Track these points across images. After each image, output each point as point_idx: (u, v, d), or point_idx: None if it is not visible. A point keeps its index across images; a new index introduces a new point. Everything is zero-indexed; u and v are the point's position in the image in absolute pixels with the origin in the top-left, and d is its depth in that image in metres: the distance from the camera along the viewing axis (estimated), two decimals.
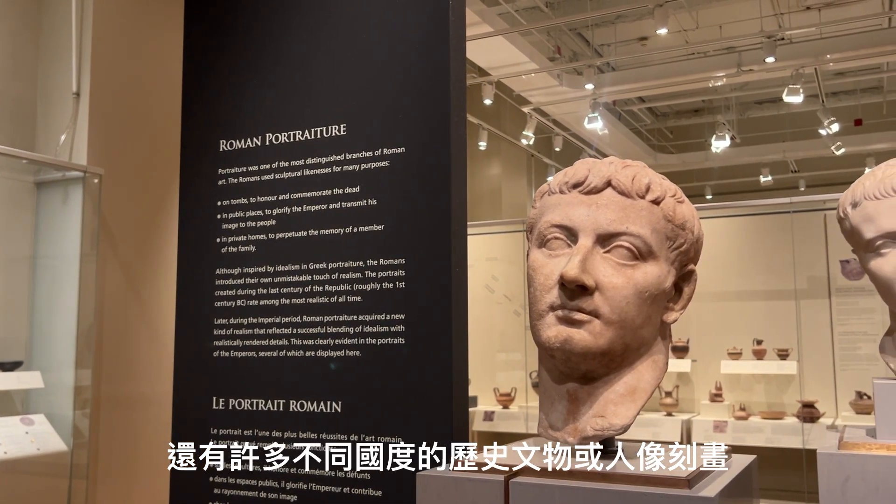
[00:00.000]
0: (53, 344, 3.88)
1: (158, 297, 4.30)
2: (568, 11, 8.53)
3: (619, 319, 1.04)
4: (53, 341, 3.89)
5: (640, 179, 1.11)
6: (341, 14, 1.90)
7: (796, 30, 8.56)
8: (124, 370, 4.12)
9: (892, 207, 1.33)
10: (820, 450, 1.29)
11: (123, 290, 4.23)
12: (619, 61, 9.91)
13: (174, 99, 2.25)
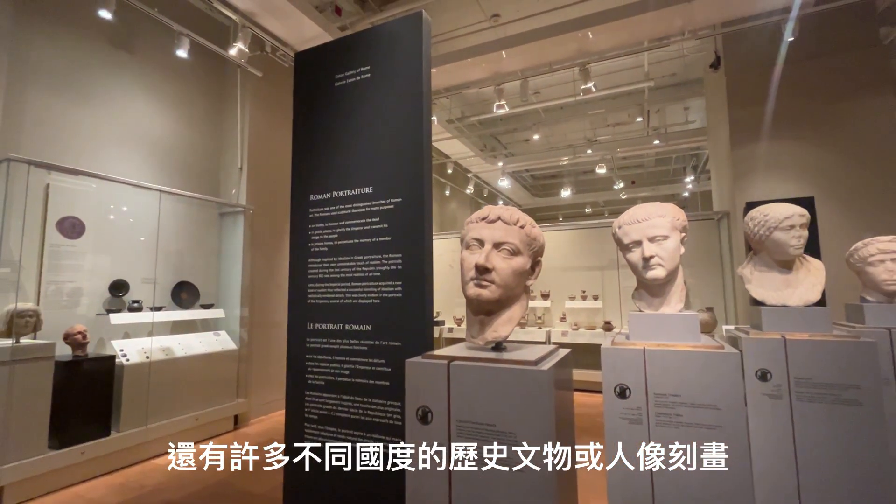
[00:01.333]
0: (229, 295, 4.78)
1: (281, 273, 5.03)
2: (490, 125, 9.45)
3: (504, 284, 1.23)
4: (230, 294, 4.78)
5: (514, 216, 1.29)
6: (370, 119, 1.92)
7: (602, 137, 9.81)
8: (263, 309, 4.95)
9: (635, 229, 1.52)
10: (603, 346, 1.48)
11: (263, 269, 4.97)
12: (516, 151, 10.78)
13: (288, 168, 2.23)
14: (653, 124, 9.28)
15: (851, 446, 1.51)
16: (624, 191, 11.52)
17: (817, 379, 1.57)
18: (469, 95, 8.34)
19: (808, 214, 1.74)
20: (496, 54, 5.68)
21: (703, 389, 1.32)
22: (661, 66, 7.21)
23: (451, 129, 8.48)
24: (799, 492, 1.56)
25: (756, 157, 5.55)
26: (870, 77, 5.16)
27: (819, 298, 1.71)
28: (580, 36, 5.27)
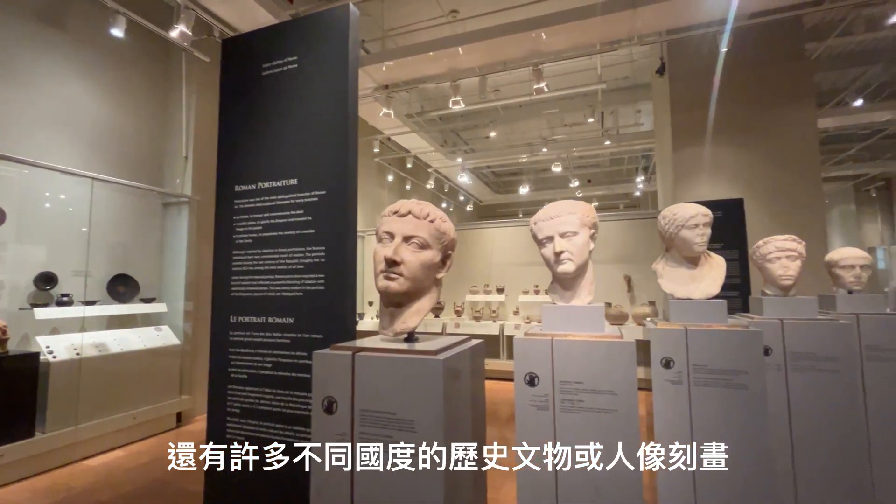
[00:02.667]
0: (173, 288, 4.58)
1: None
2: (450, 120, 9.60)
3: (413, 277, 1.24)
4: (173, 287, 4.58)
5: (424, 210, 1.30)
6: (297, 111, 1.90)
7: (559, 136, 10.02)
8: (209, 303, 5.19)
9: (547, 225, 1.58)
10: (515, 337, 1.54)
11: (209, 262, 4.61)
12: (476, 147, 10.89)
13: None
14: (607, 125, 9.58)
15: (739, 425, 1.65)
16: (580, 189, 11.84)
17: (712, 365, 1.70)
18: (429, 90, 8.34)
19: (710, 214, 1.87)
20: (453, 50, 5.70)
21: (602, 376, 1.41)
22: (614, 69, 7.46)
23: (411, 123, 8.44)
24: (696, 467, 1.69)
25: (695, 160, 5.86)
26: (795, 89, 5.55)
27: (718, 292, 1.85)
28: (534, 36, 5.37)
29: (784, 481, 2.01)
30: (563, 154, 9.67)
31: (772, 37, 5.57)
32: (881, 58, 6.88)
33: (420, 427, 1.09)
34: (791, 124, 5.50)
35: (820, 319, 2.02)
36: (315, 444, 1.20)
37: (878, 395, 2.20)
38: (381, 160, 9.56)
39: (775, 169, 5.50)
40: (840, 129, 8.95)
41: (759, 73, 5.57)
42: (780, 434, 2.02)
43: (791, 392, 2.02)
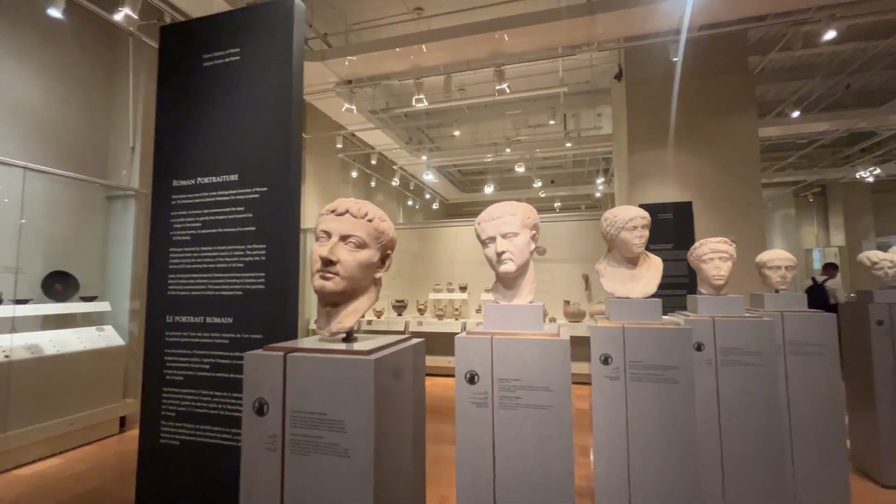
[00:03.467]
0: (118, 286, 4.36)
1: None
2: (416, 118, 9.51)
3: (349, 276, 1.23)
4: (118, 285, 4.36)
5: (362, 209, 1.28)
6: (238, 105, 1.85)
7: (524, 137, 10.22)
8: None
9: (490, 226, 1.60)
10: (456, 337, 1.54)
11: None
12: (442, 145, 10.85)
13: None
14: (569, 128, 9.79)
15: (670, 418, 1.73)
16: (543, 189, 12.07)
17: (647, 361, 1.78)
18: (394, 87, 8.27)
19: (648, 217, 1.95)
20: (417, 48, 5.67)
21: (538, 373, 1.45)
22: (575, 73, 7.63)
23: (375, 119, 8.35)
24: (628, 458, 1.77)
25: (648, 164, 6.10)
26: (739, 99, 5.87)
27: (655, 291, 1.94)
28: (497, 37, 5.42)
29: (713, 469, 2.13)
30: (527, 155, 9.82)
31: (719, 49, 5.87)
32: (818, 72, 7.38)
33: (351, 427, 1.09)
34: (735, 132, 5.82)
35: (746, 317, 2.16)
36: (245, 446, 1.17)
37: (799, 386, 2.37)
38: (344, 156, 9.41)
39: (721, 174, 5.81)
40: (781, 138, 9.54)
41: (706, 83, 5.85)
42: (711, 424, 2.14)
43: (720, 385, 2.14)
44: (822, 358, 2.36)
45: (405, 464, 1.29)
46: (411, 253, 7.76)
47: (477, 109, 9.05)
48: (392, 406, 1.21)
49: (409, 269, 7.71)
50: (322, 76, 6.35)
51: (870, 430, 3.13)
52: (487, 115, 9.12)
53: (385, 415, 1.15)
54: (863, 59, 6.64)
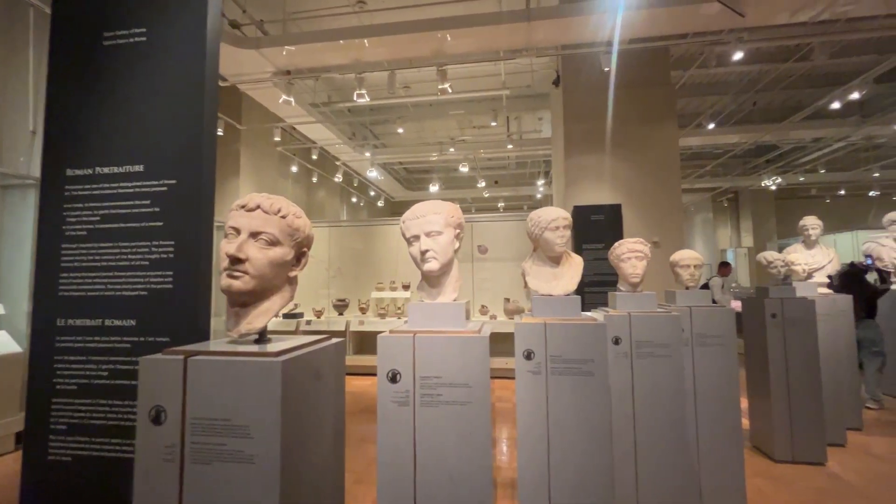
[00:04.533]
0: (14, 286, 3.93)
1: None
2: (359, 113, 9.33)
3: (260, 275, 1.18)
4: (14, 285, 3.93)
5: (275, 205, 1.24)
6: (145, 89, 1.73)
7: (467, 136, 10.28)
8: None
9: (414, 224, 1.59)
10: (379, 336, 1.52)
11: None
12: (388, 142, 10.67)
13: None
14: (511, 130, 10.07)
15: (586, 408, 1.83)
16: (487, 189, 12.31)
17: (566, 356, 1.86)
18: (336, 80, 8.06)
19: (570, 218, 2.05)
20: (359, 42, 5.56)
21: (459, 370, 1.47)
22: (517, 77, 7.84)
23: (316, 113, 8.09)
24: (549, 449, 1.84)
25: (582, 168, 6.40)
26: (663, 110, 6.32)
27: (575, 288, 2.03)
28: (439, 36, 5.44)
29: (628, 454, 2.27)
30: (471, 155, 9.96)
31: (645, 63, 6.28)
32: (730, 89, 8.12)
33: (256, 433, 1.04)
34: (659, 141, 6.26)
35: (657, 312, 2.33)
36: (139, 458, 1.08)
37: (704, 373, 2.60)
38: (283, 150, 9.03)
39: (646, 179, 6.22)
40: (701, 148, 10.40)
41: (634, 94, 6.24)
42: (626, 413, 2.29)
43: (635, 375, 2.29)
44: (722, 348, 2.60)
45: (321, 468, 1.26)
46: (354, 251, 7.60)
47: (422, 108, 9.04)
48: (305, 408, 1.17)
49: (351, 268, 7.55)
50: (257, 65, 6.05)
51: (765, 412, 3.49)
52: (432, 114, 9.13)
53: (296, 418, 1.11)
54: (767, 80, 7.40)
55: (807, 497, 2.84)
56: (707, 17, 4.94)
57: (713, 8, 4.69)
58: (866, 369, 4.66)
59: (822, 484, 3.02)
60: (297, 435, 1.12)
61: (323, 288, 7.56)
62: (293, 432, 1.10)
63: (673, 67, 6.88)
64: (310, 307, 7.38)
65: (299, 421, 1.13)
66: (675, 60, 7.06)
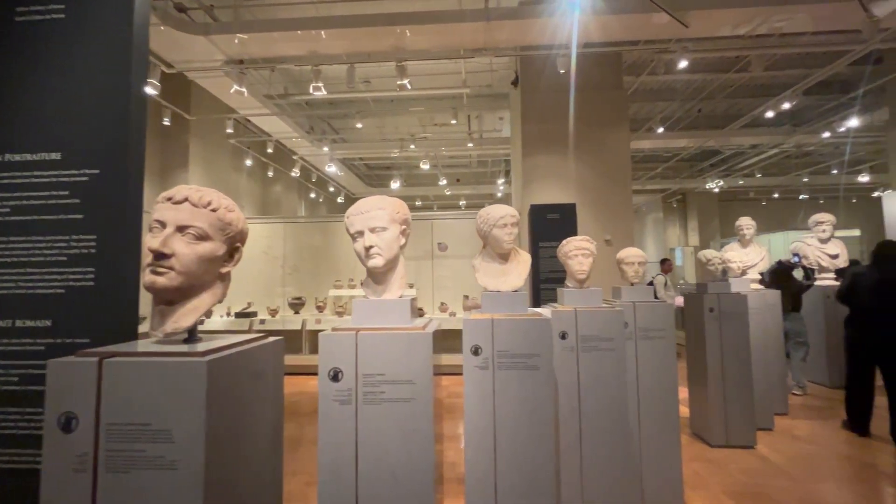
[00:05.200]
0: None
1: None
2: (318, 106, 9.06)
3: (187, 271, 1.12)
4: None
5: (205, 198, 1.17)
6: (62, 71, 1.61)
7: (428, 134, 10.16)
8: None
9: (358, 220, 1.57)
10: (320, 334, 1.49)
11: None
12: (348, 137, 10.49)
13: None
14: (473, 128, 10.15)
15: (531, 402, 1.87)
16: (448, 187, 12.35)
17: (513, 351, 1.89)
18: (293, 72, 7.81)
19: (517, 215, 2.08)
20: (316, 33, 5.40)
21: (402, 367, 1.45)
22: (477, 76, 7.89)
23: (272, 105, 7.82)
24: (495, 443, 1.86)
25: (539, 167, 6.54)
26: (615, 113, 6.55)
27: (522, 284, 2.07)
28: (398, 32, 5.38)
29: (573, 445, 2.35)
30: (432, 152, 9.95)
31: (599, 68, 6.49)
32: (678, 96, 8.54)
33: (179, 437, 0.99)
34: (612, 143, 6.50)
35: (602, 308, 2.41)
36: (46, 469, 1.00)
37: (646, 365, 2.72)
38: (236, 142, 8.67)
39: (600, 180, 6.44)
40: (652, 151, 10.90)
41: (589, 97, 6.44)
42: (572, 405, 2.36)
43: (580, 369, 2.36)
44: (663, 341, 2.73)
45: (255, 472, 1.21)
46: (312, 248, 7.42)
47: (382, 103, 8.92)
48: (236, 410, 1.12)
49: (308, 265, 7.36)
50: (207, 53, 5.76)
51: (703, 401, 3.71)
52: (393, 110, 9.04)
53: (224, 420, 1.06)
54: (710, 88, 7.84)
55: (737, 478, 3.04)
56: (657, 27, 5.17)
57: (662, 18, 4.91)
58: (792, 358, 5.05)
59: (752, 465, 3.24)
60: (225, 438, 1.07)
61: (278, 286, 7.34)
62: (221, 435, 1.05)
63: (625, 73, 7.15)
64: (264, 306, 7.16)
65: (228, 423, 1.08)
66: (627, 66, 7.34)
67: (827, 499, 2.77)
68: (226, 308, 7.20)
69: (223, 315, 7.12)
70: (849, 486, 2.92)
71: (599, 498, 2.31)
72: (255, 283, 7.35)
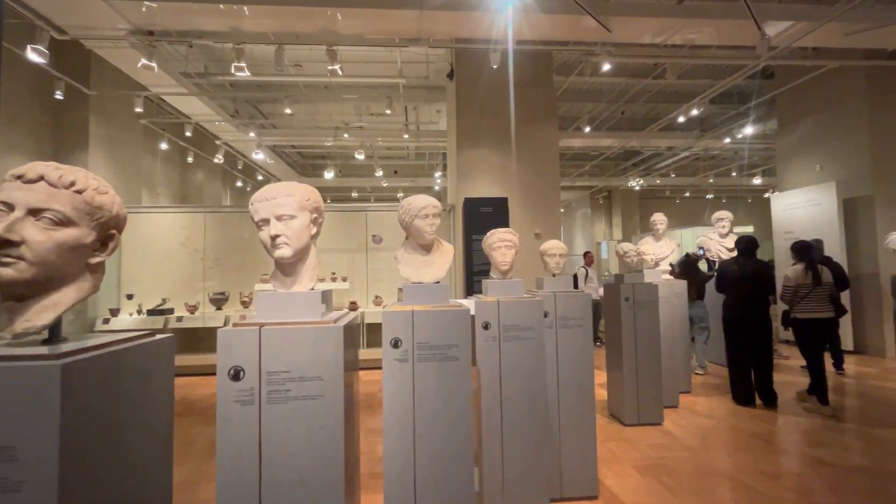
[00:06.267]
0: None
1: None
2: (244, 88, 8.33)
3: (42, 262, 0.99)
4: None
5: (66, 177, 1.04)
6: None
7: (365, 123, 9.75)
8: None
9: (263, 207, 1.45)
10: (219, 330, 1.35)
11: None
12: (280, 123, 9.90)
13: None
14: (410, 120, 10.05)
15: (450, 392, 1.87)
16: (386, 179, 12.15)
17: (433, 342, 1.87)
18: (215, 50, 7.22)
19: (440, 206, 2.06)
20: (238, 7, 5.01)
21: (310, 363, 1.38)
22: (414, 67, 7.78)
23: (190, 84, 7.18)
24: (414, 436, 1.84)
25: (473, 161, 6.60)
26: (546, 111, 6.78)
27: (445, 275, 2.06)
28: (329, 14, 5.14)
29: (495, 431, 2.39)
30: (368, 142, 9.71)
31: (532, 65, 6.67)
32: (603, 98, 9.03)
33: (25, 454, 0.85)
34: (542, 140, 6.72)
35: (523, 298, 2.48)
36: None
37: (566, 353, 2.84)
38: (148, 122, 7.87)
39: (530, 175, 6.64)
40: (581, 150, 11.45)
41: (521, 93, 6.60)
42: (494, 393, 2.40)
43: (502, 358, 2.41)
44: (581, 329, 2.87)
45: (135, 483, 1.08)
46: (237, 239, 6.95)
47: (315, 89, 8.53)
48: (105, 419, 0.99)
49: (233, 258, 6.89)
50: (108, 20, 5.14)
51: (618, 383, 3.97)
52: (327, 97, 8.68)
53: (88, 431, 0.93)
54: (632, 92, 8.37)
55: (645, 453, 3.29)
56: (584, 30, 5.39)
57: (590, 22, 5.12)
58: (696, 342, 5.57)
59: (659, 441, 3.53)
60: (89, 451, 0.94)
61: (198, 280, 6.81)
62: (83, 448, 0.92)
63: (556, 73, 7.41)
64: (182, 302, 6.62)
65: (94, 434, 0.95)
66: (557, 66, 7.62)
67: (716, 465, 3.08)
68: (136, 305, 6.56)
69: (133, 313, 6.48)
70: (736, 453, 3.28)
71: (520, 481, 2.38)
72: (172, 278, 6.76)
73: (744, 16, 4.91)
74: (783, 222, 7.81)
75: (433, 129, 10.09)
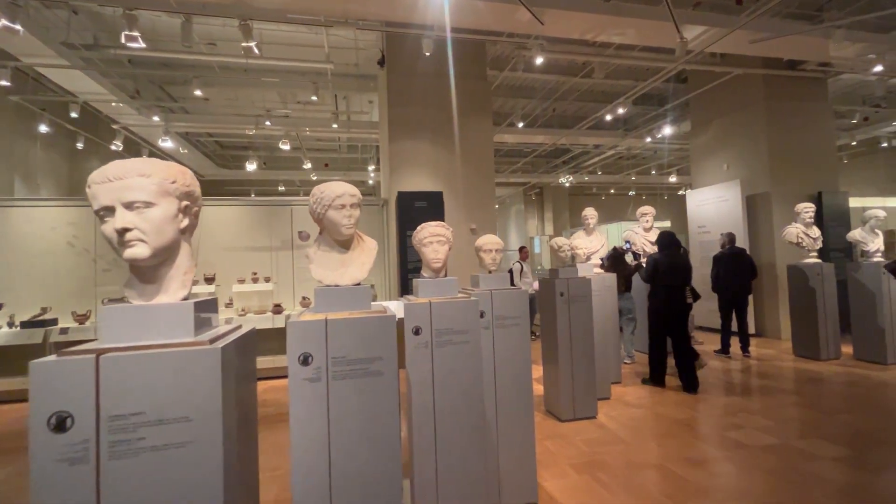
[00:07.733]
0: None
1: None
2: (146, 65, 7.34)
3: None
4: None
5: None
6: None
7: (291, 112, 9.11)
8: None
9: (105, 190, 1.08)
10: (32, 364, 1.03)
11: None
12: (192, 109, 9.00)
13: None
14: (340, 109, 9.49)
15: (373, 411, 1.59)
16: (315, 172, 11.46)
17: (351, 356, 1.58)
18: (108, 18, 6.22)
19: (359, 195, 1.76)
20: None
21: (174, 400, 1.03)
22: (342, 52, 7.29)
23: (75, 57, 6.14)
24: (330, 466, 1.54)
25: (406, 154, 6.30)
26: (481, 104, 6.64)
27: (366, 276, 1.76)
28: None
29: (428, 447, 2.15)
30: (294, 132, 9.03)
31: (465, 56, 6.49)
32: (535, 95, 9.12)
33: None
34: (476, 134, 6.57)
35: (457, 298, 2.25)
36: None
37: (503, 353, 2.67)
38: (22, 100, 6.65)
39: (466, 169, 6.48)
40: (514, 146, 11.56)
41: (456, 85, 6.39)
42: (426, 406, 2.15)
43: (435, 366, 2.17)
44: (518, 328, 2.71)
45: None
46: None
47: (234, 72, 7.71)
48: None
49: None
50: None
51: (554, 379, 3.91)
52: (247, 81, 7.89)
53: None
54: (562, 90, 8.51)
55: (581, 449, 3.23)
56: (519, 22, 5.28)
57: (525, 15, 5.02)
58: (624, 333, 5.75)
59: (593, 435, 3.50)
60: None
61: (90, 285, 5.84)
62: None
63: (490, 67, 7.31)
64: (67, 309, 5.64)
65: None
66: (491, 61, 7.52)
67: (645, 456, 3.09)
68: (7, 316, 5.49)
69: (2, 326, 5.42)
70: (663, 441, 3.33)
71: (456, 494, 2.15)
72: (56, 283, 5.75)
73: (664, 17, 5.07)
74: (697, 217, 8.38)
75: (365, 121, 9.62)
